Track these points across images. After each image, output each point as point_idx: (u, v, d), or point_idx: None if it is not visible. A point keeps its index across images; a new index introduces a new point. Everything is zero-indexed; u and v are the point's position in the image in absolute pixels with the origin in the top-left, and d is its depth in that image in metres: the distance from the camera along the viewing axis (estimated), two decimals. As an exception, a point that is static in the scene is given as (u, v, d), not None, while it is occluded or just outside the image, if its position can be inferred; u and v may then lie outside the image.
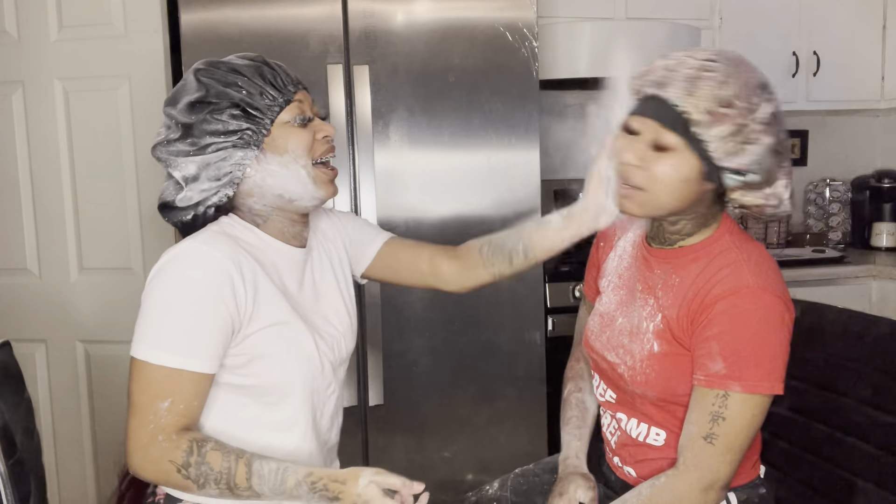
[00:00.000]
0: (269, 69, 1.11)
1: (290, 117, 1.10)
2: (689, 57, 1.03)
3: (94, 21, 2.11)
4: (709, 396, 1.02)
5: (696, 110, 1.00)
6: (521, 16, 1.94)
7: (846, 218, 3.11)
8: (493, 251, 1.27)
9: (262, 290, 1.06)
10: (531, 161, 1.99)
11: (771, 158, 1.03)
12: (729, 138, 1.00)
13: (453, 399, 2.04)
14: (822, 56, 2.79)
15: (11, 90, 2.17)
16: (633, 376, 1.12)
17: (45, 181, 2.19)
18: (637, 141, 1.06)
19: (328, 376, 1.17)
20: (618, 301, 1.21)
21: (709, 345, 1.03)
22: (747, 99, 1.00)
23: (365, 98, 1.89)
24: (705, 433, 1.02)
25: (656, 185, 1.05)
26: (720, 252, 1.08)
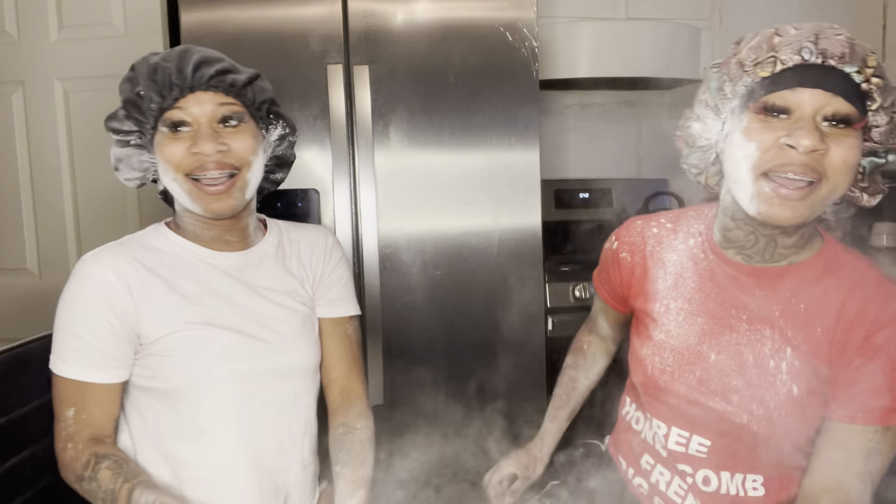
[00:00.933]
0: (167, 66, 1.02)
1: (164, 126, 1.04)
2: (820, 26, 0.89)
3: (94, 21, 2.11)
4: (865, 433, 0.89)
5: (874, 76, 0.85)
6: (521, 16, 1.94)
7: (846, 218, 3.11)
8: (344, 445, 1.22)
9: (154, 297, 1.04)
10: (531, 161, 1.99)
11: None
12: (890, 112, 0.87)
13: (453, 399, 2.04)
14: (822, 56, 2.78)
15: (11, 90, 2.18)
16: (769, 427, 0.94)
17: (45, 181, 2.19)
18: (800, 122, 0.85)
19: (257, 386, 1.09)
20: (698, 333, 1.00)
21: (871, 378, 0.89)
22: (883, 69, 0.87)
23: (365, 98, 1.89)
24: (858, 471, 0.89)
25: (838, 171, 0.85)
26: (852, 268, 0.94)
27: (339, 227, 1.93)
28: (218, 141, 1.03)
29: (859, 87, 0.85)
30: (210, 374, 1.05)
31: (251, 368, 1.08)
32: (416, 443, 2.05)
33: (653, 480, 1.07)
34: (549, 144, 2.76)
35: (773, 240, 0.94)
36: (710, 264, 1.00)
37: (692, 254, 1.02)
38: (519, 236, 2.01)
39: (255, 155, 1.08)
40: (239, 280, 1.12)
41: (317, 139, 1.90)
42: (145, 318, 1.03)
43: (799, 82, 0.86)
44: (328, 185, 1.91)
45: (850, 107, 0.84)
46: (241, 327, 1.09)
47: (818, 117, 0.85)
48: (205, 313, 1.07)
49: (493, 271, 2.00)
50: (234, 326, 1.08)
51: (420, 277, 1.98)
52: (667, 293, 1.04)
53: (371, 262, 1.93)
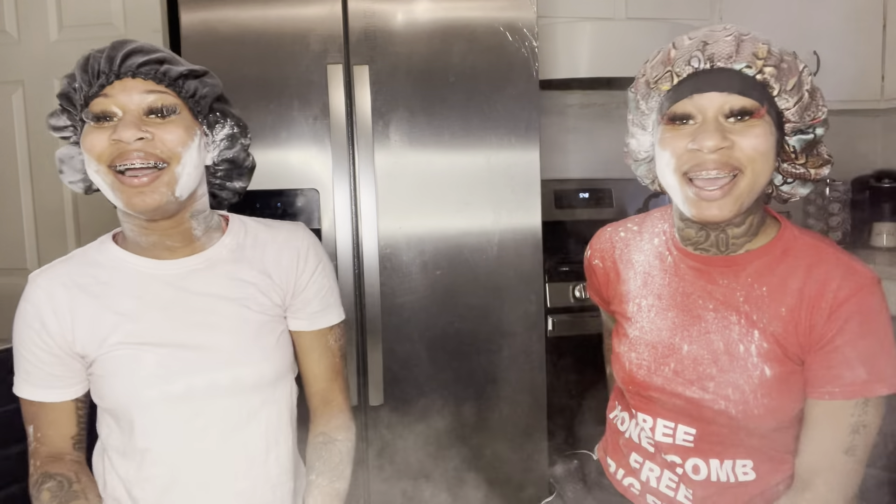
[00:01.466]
0: (97, 56, 0.96)
1: (88, 117, 0.96)
2: (712, 31, 0.94)
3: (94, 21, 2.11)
4: (846, 408, 0.92)
5: (766, 66, 0.90)
6: (521, 16, 1.94)
7: (846, 218, 3.11)
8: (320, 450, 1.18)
9: (86, 318, 1.01)
10: (531, 161, 1.99)
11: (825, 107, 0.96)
12: (799, 91, 0.92)
13: (453, 399, 2.04)
14: (822, 56, 2.78)
15: (11, 90, 2.18)
16: (746, 410, 0.96)
17: (45, 181, 2.19)
18: (702, 125, 0.92)
19: (197, 405, 1.02)
20: (670, 326, 1.04)
21: (842, 352, 0.92)
22: (788, 54, 0.93)
23: (365, 98, 1.89)
24: (846, 447, 0.92)
25: (755, 159, 0.90)
26: (810, 249, 0.98)
27: (339, 227, 1.93)
28: (140, 128, 0.94)
29: (754, 79, 0.90)
30: (140, 396, 1.00)
31: (186, 387, 1.01)
32: (416, 443, 2.05)
33: (643, 478, 1.09)
34: (549, 144, 2.76)
35: (722, 232, 0.99)
36: (675, 260, 1.05)
37: (658, 252, 1.07)
38: (519, 236, 2.01)
39: (185, 147, 0.97)
40: (181, 289, 1.04)
41: (317, 139, 1.90)
42: (78, 339, 1.01)
43: (694, 89, 0.92)
44: (328, 185, 1.91)
45: (747, 100, 0.90)
46: (176, 343, 1.02)
47: (720, 117, 0.91)
48: (137, 332, 1.01)
49: (493, 271, 2.00)
50: (168, 342, 1.01)
51: (420, 277, 1.98)
52: (638, 292, 1.08)
53: (371, 262, 1.93)
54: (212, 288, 1.05)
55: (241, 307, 1.06)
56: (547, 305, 2.16)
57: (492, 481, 2.07)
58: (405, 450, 2.04)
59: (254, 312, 1.07)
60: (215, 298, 1.05)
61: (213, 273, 1.07)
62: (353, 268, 1.94)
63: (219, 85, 1.04)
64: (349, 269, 1.93)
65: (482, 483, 2.07)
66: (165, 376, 1.01)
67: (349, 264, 1.93)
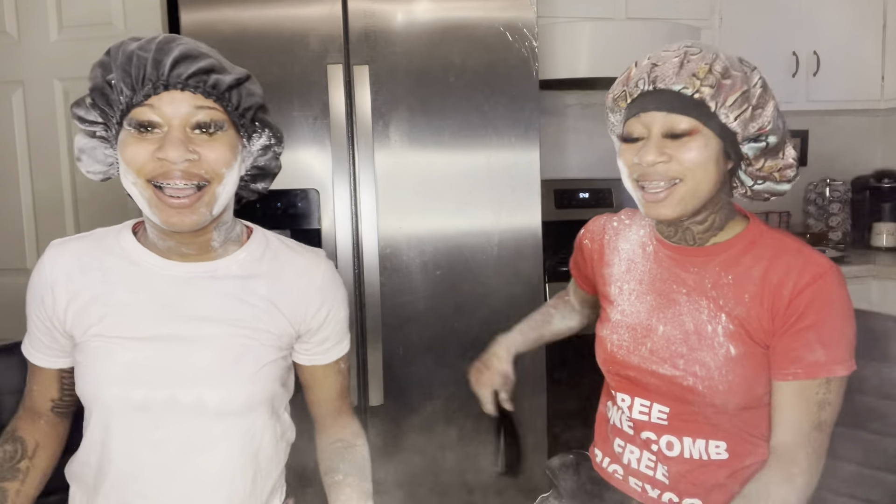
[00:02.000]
0: (143, 56, 0.90)
1: (130, 123, 0.92)
2: (664, 51, 1.04)
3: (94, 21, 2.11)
4: (811, 387, 1.00)
5: (703, 87, 0.99)
6: (521, 16, 1.94)
7: (846, 218, 3.11)
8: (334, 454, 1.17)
9: (80, 302, 1.01)
10: (531, 161, 1.99)
11: (780, 119, 1.04)
12: (741, 106, 1.00)
13: (453, 399, 2.04)
14: (822, 56, 2.79)
15: (11, 90, 2.18)
16: (711, 386, 1.04)
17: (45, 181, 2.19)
18: (650, 140, 1.03)
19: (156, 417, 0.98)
20: (648, 309, 1.13)
21: (804, 336, 1.00)
22: (738, 69, 1.01)
23: (365, 98, 1.89)
24: (816, 422, 1.00)
25: (693, 169, 1.01)
26: (774, 242, 1.06)
27: (339, 227, 1.93)
28: (188, 148, 0.91)
29: (692, 98, 1.00)
30: (102, 393, 0.99)
31: (145, 397, 0.98)
32: (416, 442, 2.05)
33: (625, 461, 1.16)
34: (549, 144, 2.76)
35: (687, 229, 1.08)
36: (655, 249, 1.15)
37: (642, 242, 1.18)
38: (519, 236, 2.01)
39: (229, 168, 0.95)
40: (179, 294, 1.01)
41: (317, 139, 1.90)
42: (68, 319, 1.02)
43: (641, 109, 1.03)
44: (328, 185, 1.91)
45: (683, 118, 1.00)
46: (151, 350, 0.98)
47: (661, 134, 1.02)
48: (117, 326, 0.99)
49: (493, 271, 2.00)
50: (144, 348, 0.98)
51: (420, 277, 1.98)
52: (621, 276, 1.19)
53: (371, 262, 1.93)
54: (209, 300, 1.01)
55: (232, 326, 1.01)
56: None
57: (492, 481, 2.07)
58: (405, 449, 2.04)
59: (243, 335, 1.02)
60: (209, 310, 1.01)
61: (216, 285, 1.02)
62: (353, 268, 1.94)
63: (259, 92, 1.01)
64: (349, 269, 1.93)
65: (482, 482, 2.07)
66: (129, 380, 0.98)
67: (349, 264, 1.93)
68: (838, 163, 3.15)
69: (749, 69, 1.03)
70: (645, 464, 1.13)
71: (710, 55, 1.01)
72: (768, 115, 1.01)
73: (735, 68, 1.01)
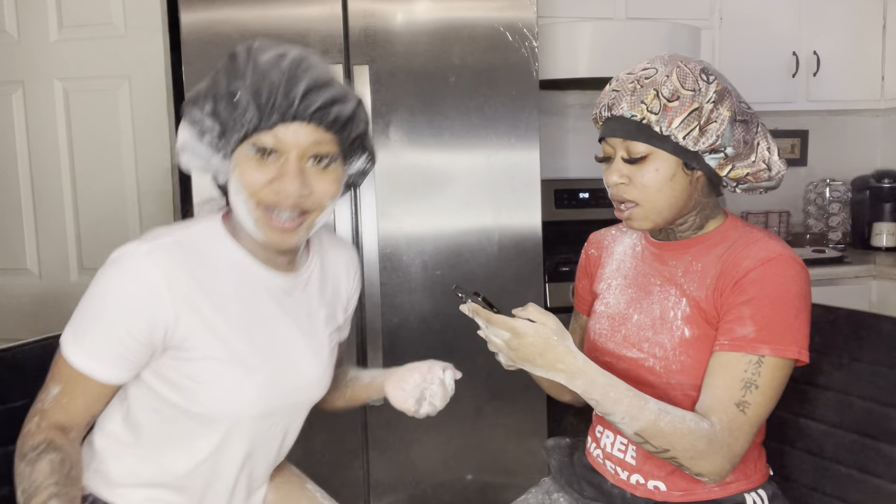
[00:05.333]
0: (276, 80, 0.93)
1: (251, 146, 0.95)
2: (628, 73, 1.11)
3: (94, 21, 2.12)
4: (740, 362, 1.02)
5: (649, 112, 1.06)
6: (521, 16, 1.95)
7: (846, 218, 3.11)
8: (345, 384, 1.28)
9: (199, 317, 0.97)
10: (531, 161, 1.99)
11: (738, 128, 1.07)
12: (689, 124, 1.05)
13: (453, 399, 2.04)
14: (822, 56, 2.79)
15: (11, 90, 2.18)
16: (666, 366, 1.10)
17: (45, 181, 2.19)
18: (614, 163, 1.12)
19: (275, 418, 1.09)
20: (627, 300, 1.20)
21: (739, 310, 1.03)
22: (690, 87, 1.06)
23: (365, 98, 1.89)
24: (737, 400, 1.01)
25: (647, 193, 1.09)
26: (742, 234, 1.11)
27: (339, 227, 1.93)
28: (304, 182, 0.96)
29: (641, 122, 1.07)
30: (235, 411, 1.02)
31: (276, 408, 1.07)
32: (416, 442, 2.05)
33: (602, 445, 1.22)
34: (549, 144, 2.76)
35: (670, 230, 1.16)
36: (642, 247, 1.23)
37: (633, 244, 1.26)
38: (519, 236, 2.01)
39: (333, 200, 1.01)
40: (283, 306, 1.06)
41: (317, 139, 1.90)
42: (184, 337, 0.96)
43: (605, 133, 1.13)
44: (328, 185, 1.91)
45: (636, 144, 1.08)
46: (276, 365, 1.05)
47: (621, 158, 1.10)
48: (244, 348, 1.01)
49: (493, 271, 2.00)
50: (271, 365, 1.04)
51: (420, 277, 1.98)
52: (611, 275, 1.26)
53: (371, 262, 1.93)
54: (309, 306, 1.10)
55: (324, 330, 1.13)
56: (547, 305, 2.17)
57: (492, 480, 2.07)
58: (405, 449, 2.05)
59: (331, 336, 1.15)
60: (308, 320, 1.10)
61: (307, 295, 1.10)
62: (353, 268, 1.94)
63: (367, 118, 1.04)
64: (349, 269, 1.93)
65: (482, 482, 2.07)
66: (264, 399, 1.03)
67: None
68: (838, 163, 3.15)
69: (705, 82, 1.07)
70: (617, 447, 1.18)
71: (662, 77, 1.06)
72: (720, 129, 1.06)
73: (687, 86, 1.06)
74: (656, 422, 0.99)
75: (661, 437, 1.00)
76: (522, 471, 2.07)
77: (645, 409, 1.00)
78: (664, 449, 1.00)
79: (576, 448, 1.31)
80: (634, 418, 1.00)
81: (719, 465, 1.00)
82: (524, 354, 1.03)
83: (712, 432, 1.00)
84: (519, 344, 1.03)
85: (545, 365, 1.03)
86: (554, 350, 1.02)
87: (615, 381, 1.02)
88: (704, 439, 0.99)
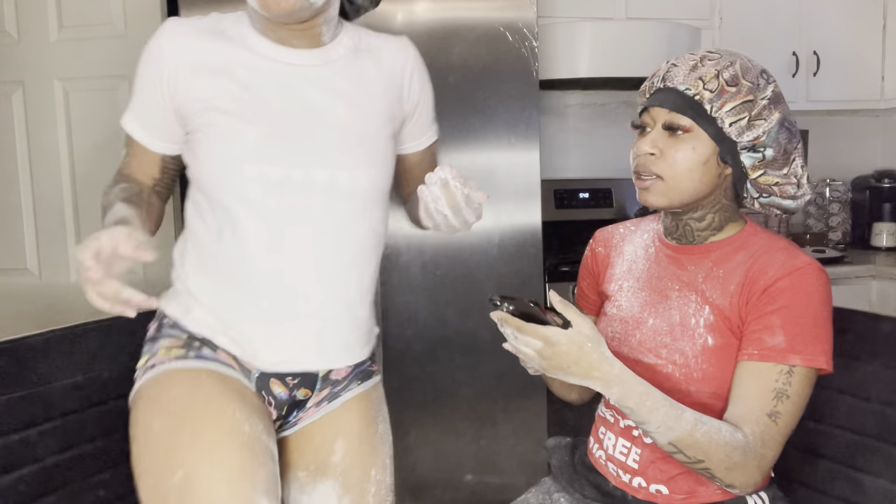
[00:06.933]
0: None
1: None
2: (689, 53, 1.11)
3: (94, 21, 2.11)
4: (771, 372, 1.01)
5: (704, 90, 1.05)
6: (521, 16, 1.95)
7: (846, 218, 3.11)
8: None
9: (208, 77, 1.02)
10: (531, 161, 1.99)
11: (783, 134, 1.07)
12: (740, 113, 1.04)
13: (454, 399, 2.04)
14: (822, 56, 2.79)
15: (11, 90, 2.18)
16: (687, 374, 1.08)
17: (45, 181, 2.19)
18: (651, 133, 1.10)
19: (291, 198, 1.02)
20: (641, 303, 1.18)
21: (768, 319, 1.02)
22: (751, 79, 1.06)
23: (365, 98, 1.89)
24: (769, 410, 1.00)
25: (676, 169, 1.07)
26: (765, 241, 1.10)
27: (339, 227, 1.93)
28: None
29: (692, 98, 1.06)
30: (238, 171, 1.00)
31: (283, 176, 1.01)
32: (417, 441, 2.05)
33: (605, 447, 1.21)
34: (549, 144, 2.76)
35: (686, 224, 1.14)
36: (656, 250, 1.20)
37: (645, 244, 1.23)
38: (519, 236, 2.01)
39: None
40: (299, 77, 1.06)
41: (317, 139, 1.90)
42: (189, 96, 1.02)
43: (650, 104, 1.11)
44: (328, 185, 1.91)
45: (682, 117, 1.06)
46: (283, 127, 1.03)
47: (661, 128, 1.08)
48: (242, 104, 1.02)
49: (493, 271, 2.00)
50: (274, 124, 1.02)
51: (420, 277, 1.98)
52: (622, 276, 1.23)
53: (371, 262, 1.93)
54: (329, 82, 1.07)
55: (353, 107, 1.08)
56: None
57: (492, 480, 2.07)
58: (406, 449, 2.05)
59: (364, 115, 1.08)
60: (330, 95, 1.06)
61: (332, 69, 1.08)
62: (353, 268, 1.94)
63: None
64: (349, 269, 1.93)
65: (482, 482, 2.07)
66: (266, 157, 1.00)
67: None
68: (838, 163, 3.15)
69: (766, 81, 1.07)
70: (619, 450, 1.17)
71: (726, 62, 1.06)
72: (767, 127, 1.06)
73: (748, 78, 1.05)
74: (692, 432, 0.98)
75: (697, 447, 0.98)
76: (522, 471, 2.07)
77: (681, 419, 0.98)
78: (698, 460, 0.98)
79: (577, 447, 1.31)
80: (670, 428, 0.98)
81: (752, 476, 1.00)
82: (558, 363, 1.00)
83: (746, 443, 0.99)
84: (552, 353, 0.99)
85: (580, 373, 0.99)
86: (589, 357, 0.98)
87: (652, 391, 1.00)
88: (739, 451, 0.98)
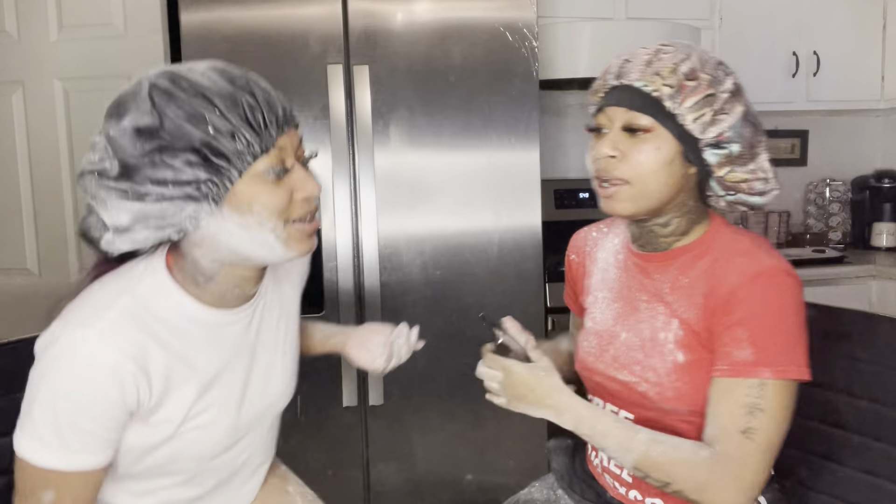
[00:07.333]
0: (250, 99, 0.85)
1: (264, 169, 0.86)
2: (642, 48, 1.05)
3: (94, 21, 2.11)
4: (741, 387, 0.95)
5: (663, 86, 0.99)
6: (521, 16, 1.95)
7: (846, 218, 3.11)
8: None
9: (175, 382, 0.91)
10: (531, 161, 1.99)
11: (748, 127, 1.01)
12: (701, 108, 0.99)
13: (453, 399, 2.04)
14: (822, 56, 2.79)
15: (11, 90, 2.18)
16: (661, 392, 1.04)
17: (44, 181, 2.19)
18: (609, 134, 1.03)
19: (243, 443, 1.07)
20: (614, 315, 1.14)
21: (734, 331, 0.96)
22: (710, 71, 1.00)
23: (365, 98, 1.89)
24: (742, 427, 0.94)
25: (641, 172, 1.01)
26: (727, 242, 1.04)
27: (339, 227, 1.93)
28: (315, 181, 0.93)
29: (650, 95, 1.00)
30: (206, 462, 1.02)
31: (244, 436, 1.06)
32: (416, 442, 2.05)
33: (600, 457, 1.19)
34: (549, 144, 2.76)
35: (650, 230, 1.08)
36: (625, 257, 1.16)
37: (615, 251, 1.19)
38: (519, 236, 2.01)
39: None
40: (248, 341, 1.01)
41: (317, 139, 1.90)
42: (163, 404, 0.91)
43: (606, 103, 1.05)
44: (328, 184, 1.91)
45: (642, 116, 1.00)
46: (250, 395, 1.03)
47: (620, 129, 1.02)
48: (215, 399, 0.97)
49: (493, 271, 2.00)
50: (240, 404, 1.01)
51: (420, 277, 1.98)
52: (596, 286, 1.20)
53: (371, 262, 1.93)
54: (269, 326, 1.06)
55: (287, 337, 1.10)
56: (547, 305, 2.17)
57: (492, 480, 2.07)
58: (406, 449, 2.05)
59: (294, 338, 1.13)
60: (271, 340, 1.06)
61: (264, 309, 1.04)
62: (353, 268, 1.94)
63: None
64: (349, 269, 1.93)
65: (482, 482, 2.07)
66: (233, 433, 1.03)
67: (349, 264, 1.93)
68: (838, 163, 3.15)
69: (724, 73, 1.02)
70: (614, 462, 1.14)
71: (682, 55, 1.01)
72: (731, 122, 1.00)
73: (706, 70, 1.00)
74: (647, 452, 0.96)
75: (658, 468, 0.96)
76: (522, 471, 2.07)
77: (634, 439, 0.97)
78: (665, 482, 0.96)
79: (577, 451, 1.30)
80: (627, 450, 0.97)
81: (731, 497, 0.94)
82: (516, 392, 1.04)
83: (712, 461, 0.95)
84: (510, 382, 1.04)
85: (536, 401, 1.03)
86: (541, 385, 1.03)
87: (600, 414, 1.00)
88: (702, 469, 0.95)
